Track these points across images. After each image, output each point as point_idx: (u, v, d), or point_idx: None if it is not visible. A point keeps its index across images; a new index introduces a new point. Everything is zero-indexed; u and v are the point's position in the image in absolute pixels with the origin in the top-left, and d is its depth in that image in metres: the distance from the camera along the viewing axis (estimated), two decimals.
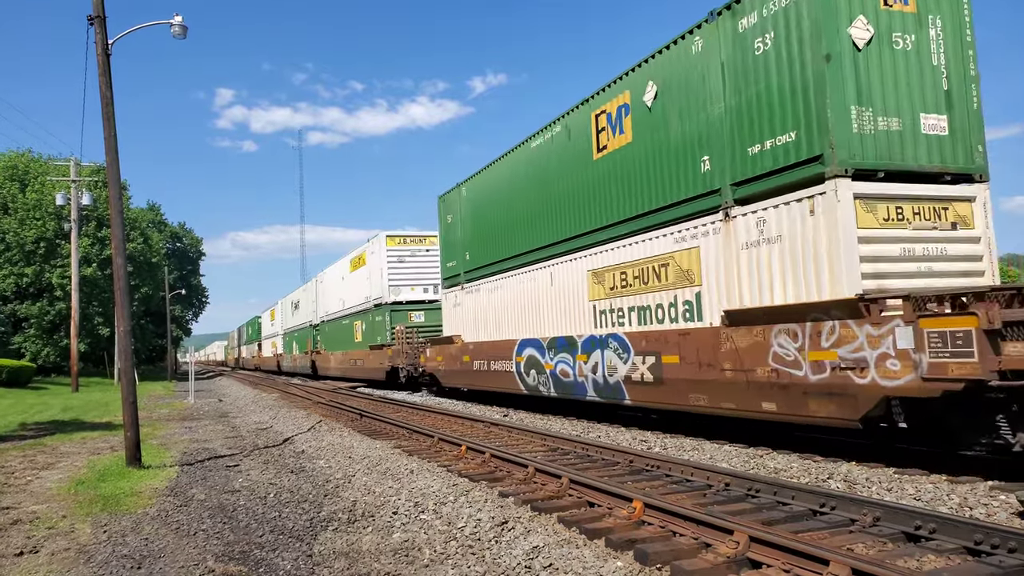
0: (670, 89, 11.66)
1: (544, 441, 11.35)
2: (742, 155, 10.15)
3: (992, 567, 4.78)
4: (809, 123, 9.06)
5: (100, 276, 43.38)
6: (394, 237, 28.77)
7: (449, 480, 8.47)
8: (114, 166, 10.85)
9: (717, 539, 5.47)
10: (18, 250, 42.91)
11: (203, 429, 16.11)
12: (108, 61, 10.75)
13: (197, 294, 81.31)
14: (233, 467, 10.44)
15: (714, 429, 11.70)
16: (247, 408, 21.94)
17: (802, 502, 6.54)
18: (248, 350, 79.93)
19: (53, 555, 6.17)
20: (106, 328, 43.22)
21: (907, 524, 5.61)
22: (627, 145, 12.82)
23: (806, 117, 9.10)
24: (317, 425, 15.67)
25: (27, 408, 22.62)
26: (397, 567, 5.55)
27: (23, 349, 43.03)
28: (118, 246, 10.82)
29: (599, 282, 13.63)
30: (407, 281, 28.62)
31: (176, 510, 7.73)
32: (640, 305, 12.36)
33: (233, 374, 64.75)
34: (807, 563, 4.80)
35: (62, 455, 12.17)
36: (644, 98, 12.28)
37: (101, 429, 16.33)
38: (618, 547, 5.65)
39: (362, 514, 7.23)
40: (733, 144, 10.32)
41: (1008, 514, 6.29)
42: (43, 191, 42.81)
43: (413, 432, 13.19)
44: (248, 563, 5.79)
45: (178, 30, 13.91)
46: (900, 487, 7.40)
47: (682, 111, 11.38)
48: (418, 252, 28.89)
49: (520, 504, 7.20)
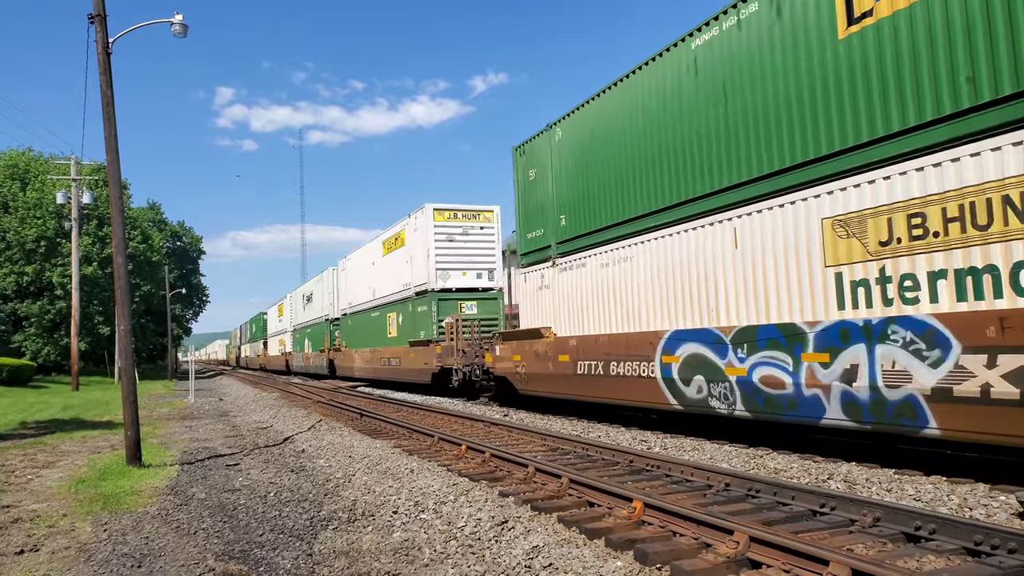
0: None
1: (544, 441, 11.36)
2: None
3: (992, 568, 4.78)
4: None
5: (101, 275, 43.41)
6: (443, 211, 23.51)
7: (449, 479, 8.48)
8: (115, 165, 10.85)
9: (717, 539, 5.47)
10: (19, 249, 42.93)
11: (203, 428, 16.12)
12: (109, 60, 10.75)
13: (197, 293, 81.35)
14: (233, 466, 10.45)
15: (714, 428, 11.69)
16: (247, 407, 21.95)
17: (802, 502, 6.54)
18: (252, 348, 75.42)
19: (53, 553, 6.18)
20: (106, 327, 43.23)
21: (907, 524, 5.61)
22: (916, 3, 8.06)
23: None
24: (317, 424, 15.68)
25: (27, 407, 22.62)
26: (397, 566, 5.55)
27: (23, 348, 43.08)
28: (119, 245, 10.83)
29: (852, 235, 8.68)
30: (458, 264, 23.52)
31: (176, 509, 7.73)
32: (964, 267, 7.50)
33: (234, 373, 64.72)
34: (807, 563, 4.80)
35: (62, 454, 12.17)
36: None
37: (101, 428, 16.34)
38: (618, 547, 5.65)
39: (362, 513, 7.23)
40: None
41: (1008, 515, 6.29)
42: (44, 190, 42.84)
43: (413, 431, 13.20)
44: (248, 562, 5.80)
45: (179, 28, 13.93)
46: (900, 488, 7.40)
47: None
48: (471, 230, 23.80)
49: (520, 504, 7.20)
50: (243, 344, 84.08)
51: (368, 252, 31.08)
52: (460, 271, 23.53)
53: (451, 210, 23.61)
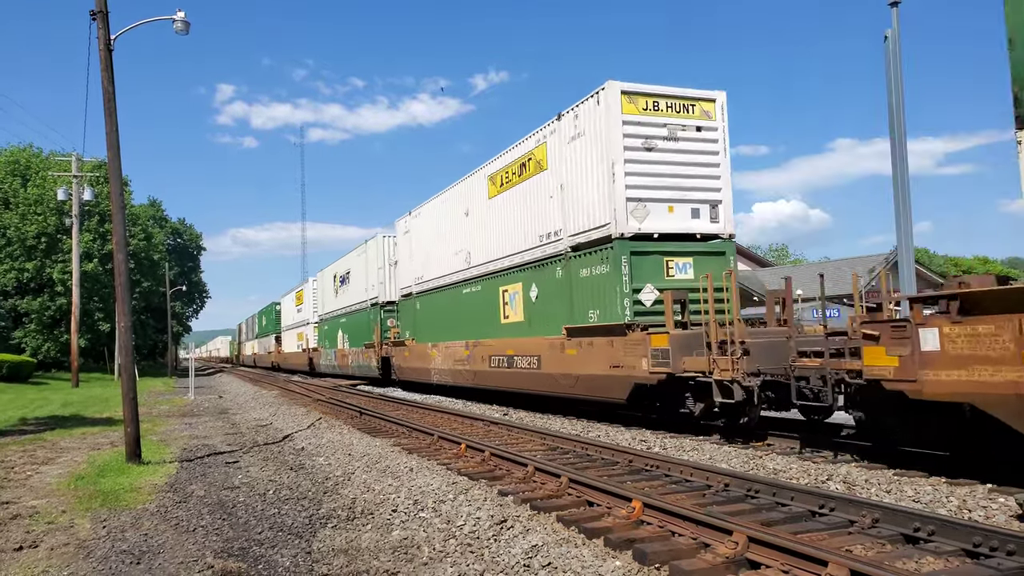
0: None
1: (544, 440, 11.36)
2: None
3: (991, 569, 4.78)
4: None
5: (101, 272, 43.41)
6: (635, 96, 13.58)
7: (448, 478, 8.48)
8: (116, 161, 10.85)
9: (716, 539, 5.47)
10: (19, 245, 42.93)
11: (203, 425, 16.12)
12: (110, 57, 10.74)
13: (197, 290, 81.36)
14: (233, 464, 10.45)
15: (714, 428, 11.67)
16: (247, 405, 21.96)
17: (801, 503, 6.54)
18: (261, 345, 64.52)
19: (52, 550, 6.18)
20: (107, 324, 43.23)
21: (906, 526, 5.61)
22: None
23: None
24: (317, 422, 15.68)
25: (27, 403, 22.63)
26: (396, 565, 5.55)
27: (23, 344, 43.12)
28: (119, 242, 10.83)
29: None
30: (661, 193, 13.59)
31: (175, 506, 7.73)
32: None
33: (234, 371, 64.67)
34: (806, 564, 4.79)
35: (62, 450, 12.17)
36: None
37: (101, 425, 16.34)
38: (617, 546, 5.65)
39: (361, 511, 7.24)
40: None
41: (1007, 516, 6.30)
42: (44, 186, 42.84)
43: (413, 430, 13.20)
44: (247, 559, 5.80)
45: (180, 25, 13.92)
46: (899, 489, 7.40)
47: None
48: (681, 131, 13.78)
49: (519, 503, 7.20)
50: (250, 340, 74.46)
51: (453, 200, 21.23)
52: (664, 203, 13.53)
53: (649, 95, 13.66)
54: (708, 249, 13.82)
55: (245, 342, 79.79)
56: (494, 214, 18.29)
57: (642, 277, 13.09)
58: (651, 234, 13.30)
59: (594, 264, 13.81)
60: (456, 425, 14.08)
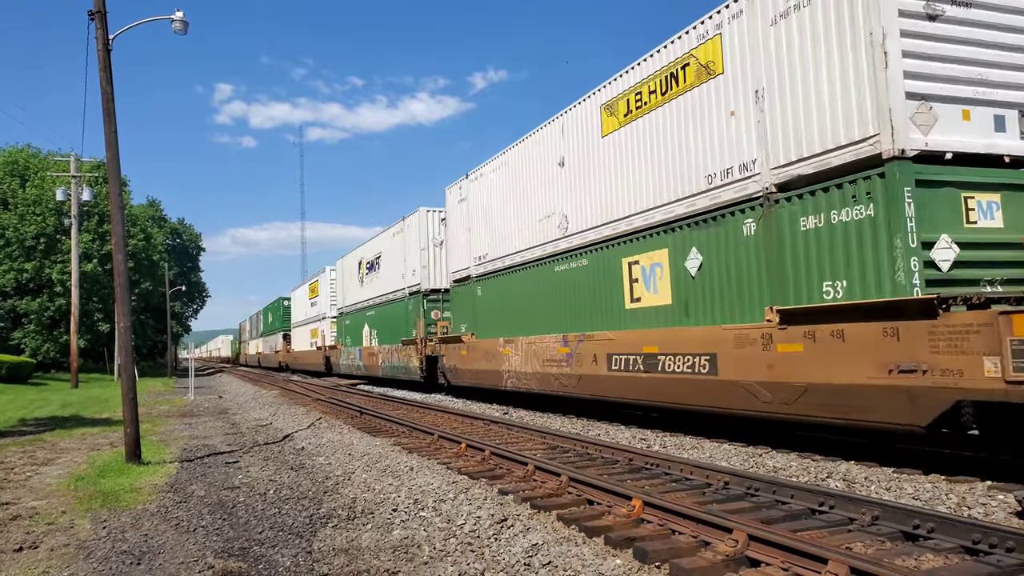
0: None
1: (544, 439, 11.36)
2: None
3: (990, 566, 4.79)
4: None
5: (100, 272, 43.41)
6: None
7: (449, 477, 8.49)
8: (114, 162, 10.84)
9: (716, 537, 5.48)
10: (18, 245, 42.92)
11: (203, 425, 16.12)
12: (109, 56, 10.73)
13: (197, 290, 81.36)
14: (233, 464, 10.45)
15: (714, 428, 11.69)
16: (247, 405, 21.96)
17: (801, 501, 6.54)
18: (267, 344, 59.53)
19: (52, 551, 6.18)
20: (106, 324, 43.23)
21: (905, 523, 5.62)
22: None
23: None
24: (317, 422, 15.69)
25: (27, 404, 22.63)
26: (397, 564, 5.55)
27: (23, 345, 43.13)
28: (118, 242, 10.83)
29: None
30: (951, 84, 8.70)
31: (176, 506, 7.73)
32: None
33: (233, 371, 64.66)
34: (806, 562, 4.80)
35: (62, 451, 12.17)
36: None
37: (101, 425, 16.34)
38: (617, 545, 5.66)
39: (362, 511, 7.24)
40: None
41: (1006, 514, 6.31)
42: (43, 186, 42.84)
43: (413, 429, 13.20)
44: (248, 559, 5.80)
45: (179, 25, 13.92)
46: (899, 486, 7.41)
47: None
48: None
49: (519, 502, 7.21)
50: (254, 339, 69.43)
51: (538, 149, 16.50)
52: (957, 107, 8.73)
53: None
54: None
55: (248, 341, 75.11)
56: (613, 157, 13.56)
57: (932, 223, 8.31)
58: (941, 153, 8.47)
59: (835, 207, 8.98)
60: (456, 424, 14.09)
